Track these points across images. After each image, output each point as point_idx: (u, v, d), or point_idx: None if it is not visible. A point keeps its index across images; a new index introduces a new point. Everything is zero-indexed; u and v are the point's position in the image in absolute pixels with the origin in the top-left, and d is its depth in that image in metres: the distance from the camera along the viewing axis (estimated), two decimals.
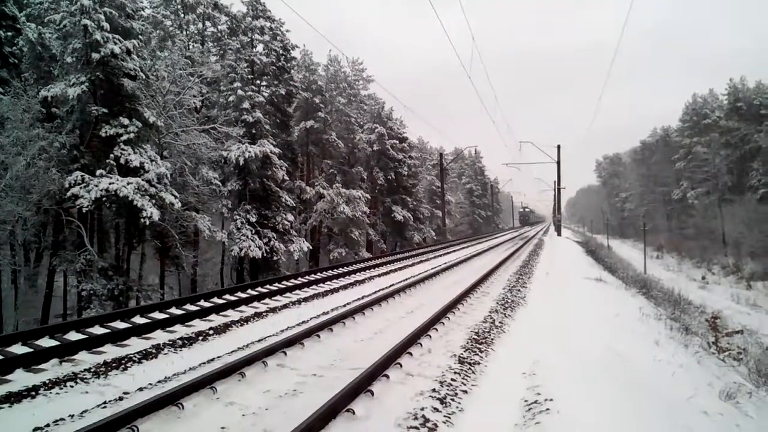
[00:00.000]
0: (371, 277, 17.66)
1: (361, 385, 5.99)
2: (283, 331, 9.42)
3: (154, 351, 8.17)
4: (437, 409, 5.73)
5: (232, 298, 12.61)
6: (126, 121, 19.17)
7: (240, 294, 13.42)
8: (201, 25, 31.58)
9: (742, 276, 50.91)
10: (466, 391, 6.47)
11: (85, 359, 7.69)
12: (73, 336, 8.85)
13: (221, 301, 12.22)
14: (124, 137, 18.92)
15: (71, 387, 6.55)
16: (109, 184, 17.66)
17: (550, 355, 7.81)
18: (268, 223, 26.24)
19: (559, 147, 48.04)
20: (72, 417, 5.53)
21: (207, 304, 11.86)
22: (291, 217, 27.97)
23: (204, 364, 7.43)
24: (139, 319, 10.25)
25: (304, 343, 8.27)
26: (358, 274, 18.66)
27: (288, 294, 13.82)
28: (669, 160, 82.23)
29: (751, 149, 67.66)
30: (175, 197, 19.91)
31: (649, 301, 18.48)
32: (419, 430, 5.19)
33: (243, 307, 11.83)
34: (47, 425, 5.32)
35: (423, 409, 5.65)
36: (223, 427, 5.22)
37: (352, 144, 42.98)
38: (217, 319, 10.54)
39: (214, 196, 25.36)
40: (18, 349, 8.01)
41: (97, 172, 18.04)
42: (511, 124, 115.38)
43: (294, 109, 35.67)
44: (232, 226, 25.08)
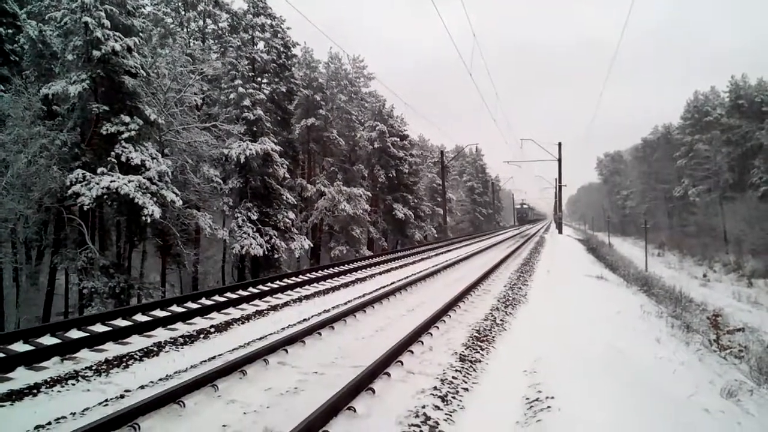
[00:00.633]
0: (372, 275, 17.66)
1: (363, 383, 5.99)
2: (284, 329, 9.42)
3: (156, 349, 8.18)
4: (438, 407, 5.73)
5: (234, 296, 12.61)
6: (127, 118, 19.16)
7: (241, 292, 13.42)
8: (202, 22, 31.53)
9: (744, 273, 50.91)
10: (467, 389, 6.47)
11: (87, 357, 7.69)
12: (75, 334, 8.85)
13: (222, 299, 12.22)
14: (125, 135, 18.91)
15: (73, 385, 6.56)
16: (110, 182, 17.65)
17: (551, 353, 7.81)
18: (270, 220, 26.24)
19: (560, 144, 48.02)
20: (74, 415, 5.53)
21: (208, 302, 11.87)
22: (292, 214, 27.97)
23: (205, 362, 7.43)
24: (140, 317, 10.25)
25: (306, 341, 8.27)
26: (359, 271, 18.66)
27: (289, 292, 13.82)
28: (670, 157, 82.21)
29: (752, 147, 67.61)
30: (177, 195, 19.91)
31: (651, 299, 18.48)
32: (420, 428, 5.19)
33: (244, 305, 11.83)
34: (49, 423, 5.32)
35: (424, 407, 5.65)
36: (224, 425, 5.22)
37: (353, 142, 42.95)
38: (218, 317, 10.54)
39: (215, 194, 25.35)
40: (19, 347, 8.02)
41: (98, 170, 18.03)
42: (511, 121, 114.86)
43: (295, 107, 35.66)
44: (233, 223, 25.08)
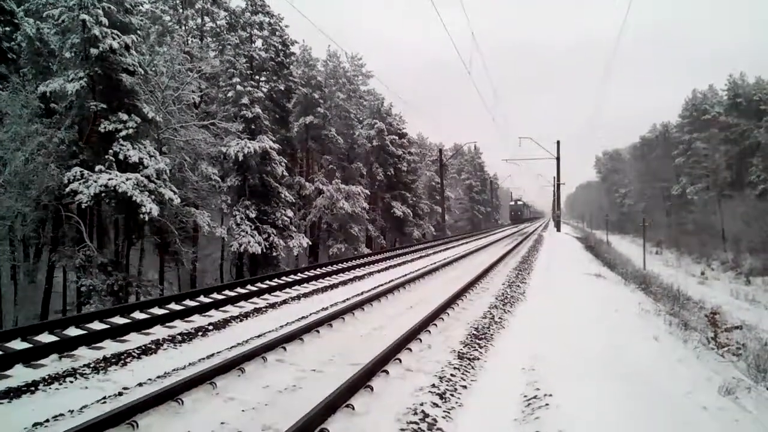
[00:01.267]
0: (371, 273, 17.66)
1: (361, 381, 5.99)
2: (282, 326, 9.42)
3: (154, 346, 8.17)
4: (437, 405, 5.73)
5: (232, 294, 12.60)
6: (125, 116, 19.14)
7: (239, 290, 13.42)
8: (200, 20, 31.46)
9: (741, 272, 51.02)
10: (465, 387, 6.48)
11: (85, 355, 7.68)
12: (73, 331, 8.84)
13: (220, 297, 12.20)
14: (123, 133, 18.90)
15: (71, 382, 6.55)
16: (108, 179, 17.64)
17: (549, 351, 7.82)
18: (268, 218, 26.24)
19: (558, 143, 48.02)
20: (71, 412, 5.53)
21: (206, 300, 11.86)
22: (290, 212, 27.97)
23: (203, 359, 7.43)
24: (138, 315, 10.24)
25: (304, 339, 8.26)
26: (357, 269, 18.66)
27: (287, 290, 13.82)
28: (668, 155, 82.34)
29: (750, 145, 67.71)
30: (175, 193, 19.90)
31: (649, 297, 18.49)
32: (419, 425, 5.19)
33: (242, 303, 11.82)
34: (47, 420, 5.32)
35: (422, 405, 5.65)
36: (222, 423, 5.22)
37: (351, 140, 42.92)
38: (216, 315, 10.53)
39: (214, 192, 25.34)
40: (17, 344, 8.00)
41: (96, 168, 18.01)
42: (510, 120, 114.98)
43: (293, 105, 35.65)
44: (232, 221, 25.08)
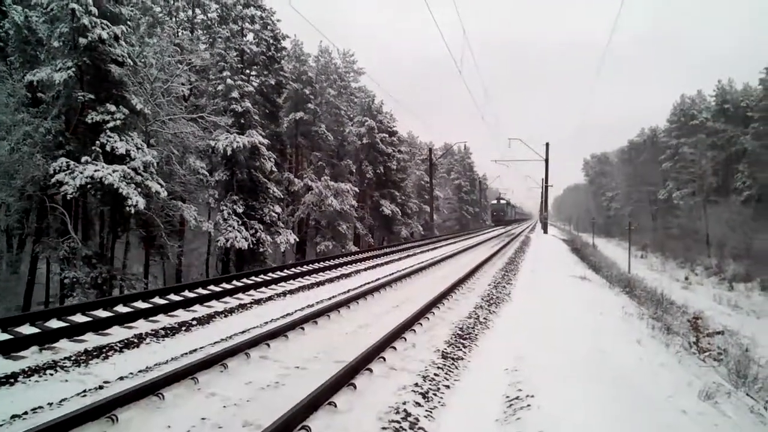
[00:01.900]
0: (358, 271, 17.64)
1: (344, 379, 5.99)
2: (267, 323, 9.38)
3: (136, 340, 8.10)
4: (419, 404, 5.74)
5: (217, 289, 12.53)
6: (113, 107, 18.98)
7: (225, 285, 13.34)
8: (191, 12, 31.24)
9: (725, 277, 51.57)
10: (448, 386, 6.49)
11: (66, 347, 7.60)
12: (55, 324, 8.74)
13: (206, 292, 12.14)
14: (111, 124, 18.74)
15: (51, 375, 6.48)
16: (95, 171, 17.48)
17: (532, 352, 7.85)
18: (255, 214, 26.15)
19: (547, 145, 48.19)
20: (51, 405, 5.47)
21: (191, 295, 11.78)
22: (278, 208, 27.89)
23: (186, 354, 7.38)
24: (121, 308, 10.15)
25: (288, 336, 8.24)
26: (344, 267, 18.63)
27: (273, 286, 13.76)
28: (656, 160, 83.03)
29: (737, 151, 68.46)
30: (162, 186, 19.77)
31: (633, 300, 18.64)
32: (401, 424, 5.19)
33: (227, 299, 11.76)
34: (25, 413, 5.26)
35: (405, 404, 5.65)
36: (203, 418, 5.19)
37: (341, 137, 42.88)
38: (201, 310, 10.47)
39: (201, 186, 25.22)
40: None
41: (83, 159, 17.85)
42: (500, 120, 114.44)
43: (284, 100, 35.55)
44: (219, 216, 24.97)
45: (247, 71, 30.24)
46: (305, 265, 18.41)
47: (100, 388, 6.02)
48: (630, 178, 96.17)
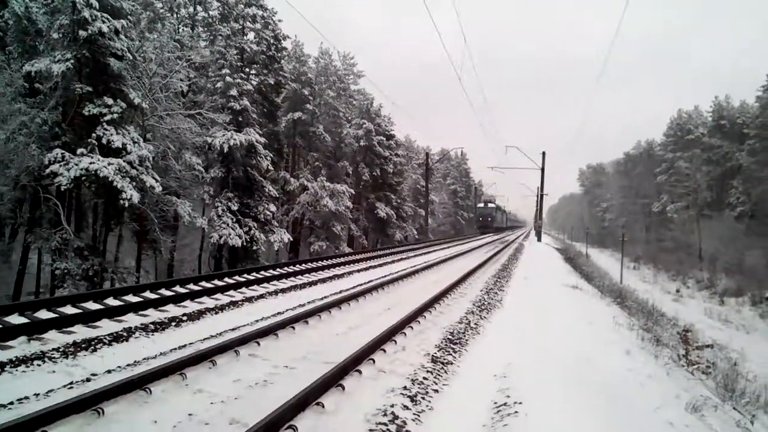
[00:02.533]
0: (351, 272, 17.64)
1: (333, 379, 5.98)
2: (257, 321, 9.37)
3: (126, 334, 8.08)
4: (407, 407, 5.73)
5: (209, 286, 12.51)
6: (110, 101, 18.92)
7: (217, 282, 13.32)
8: (192, 9, 31.22)
9: (716, 291, 51.70)
10: (437, 390, 6.48)
11: (55, 338, 7.57)
12: (44, 314, 8.72)
13: (197, 288, 12.12)
14: (108, 117, 18.68)
15: (38, 366, 6.45)
16: (90, 163, 17.42)
17: (522, 359, 7.86)
18: (250, 212, 26.09)
19: (544, 154, 48.30)
20: (37, 396, 5.45)
21: (182, 290, 11.76)
22: (273, 207, 27.84)
23: (175, 350, 7.36)
24: (112, 301, 10.13)
25: (279, 334, 8.23)
26: (337, 268, 18.63)
27: (265, 284, 13.74)
28: (651, 172, 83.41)
29: (731, 167, 68.83)
30: (157, 181, 19.71)
31: (623, 311, 18.67)
32: (388, 426, 5.19)
33: (219, 295, 11.74)
34: (11, 403, 5.23)
35: (393, 406, 5.65)
36: (190, 414, 5.17)
37: (339, 138, 42.86)
38: (191, 306, 10.45)
39: (196, 182, 25.16)
40: None
41: (78, 151, 17.78)
42: (497, 128, 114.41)
43: (282, 100, 35.53)
44: (213, 213, 24.89)
45: (247, 70, 30.21)
46: (298, 265, 18.39)
47: (88, 380, 6.00)
48: (625, 189, 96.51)
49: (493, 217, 73.54)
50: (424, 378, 6.76)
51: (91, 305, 9.66)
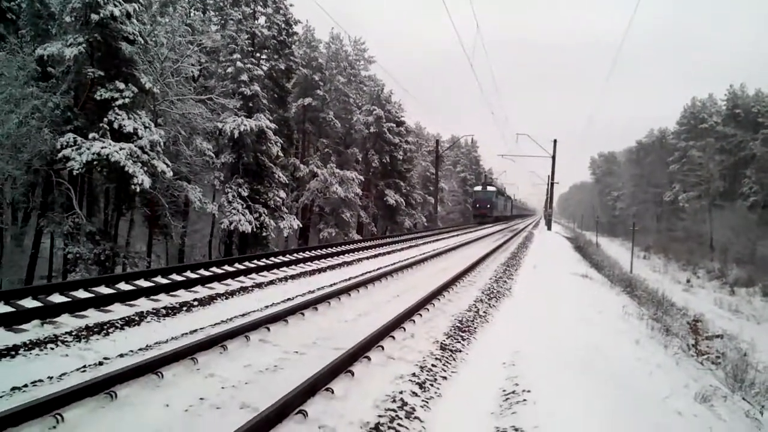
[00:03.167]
0: (360, 259, 17.67)
1: (342, 365, 6.01)
2: (267, 306, 9.42)
3: (137, 318, 8.15)
4: (416, 394, 5.76)
5: (219, 271, 12.58)
6: (122, 85, 18.96)
7: (227, 267, 13.39)
8: None
9: (727, 281, 51.42)
10: (445, 378, 6.50)
11: (68, 322, 7.66)
12: (57, 298, 8.81)
13: (208, 274, 12.19)
14: (119, 102, 18.74)
15: (51, 349, 6.53)
16: (101, 148, 17.51)
17: (531, 347, 7.86)
18: (260, 198, 26.16)
19: (555, 141, 47.98)
20: (51, 379, 5.52)
21: (193, 276, 11.83)
22: (283, 193, 27.91)
23: (186, 334, 7.43)
24: (123, 286, 10.21)
25: (288, 320, 8.27)
26: (346, 255, 18.66)
27: (275, 270, 13.80)
28: (663, 161, 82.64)
29: (745, 156, 68.09)
30: (168, 166, 19.80)
31: (633, 300, 18.62)
32: (396, 412, 5.21)
33: (229, 281, 11.80)
34: (25, 385, 5.30)
35: (402, 393, 5.68)
36: (201, 398, 5.22)
37: (349, 125, 42.78)
38: (202, 291, 10.51)
39: (207, 168, 25.23)
40: (0, 307, 7.96)
41: (90, 135, 17.87)
42: (508, 115, 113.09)
43: (293, 86, 35.44)
44: (223, 198, 24.99)
45: (258, 55, 30.14)
46: (308, 251, 18.45)
47: (100, 364, 6.06)
48: (636, 178, 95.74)
49: (494, 204, 60.23)
50: (433, 365, 6.78)
51: (103, 289, 9.75)
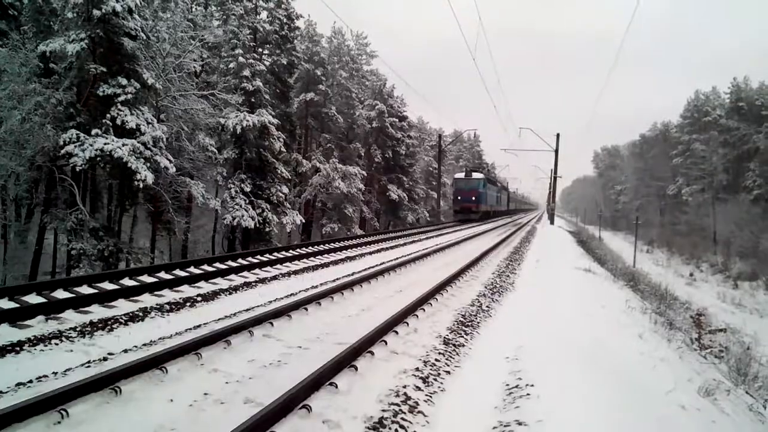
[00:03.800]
0: (362, 255, 17.68)
1: (346, 360, 6.03)
2: (271, 302, 9.44)
3: (141, 314, 8.18)
4: (419, 388, 5.78)
5: (222, 267, 12.61)
6: (124, 81, 18.95)
7: (230, 263, 13.43)
8: None
9: (730, 275, 51.41)
10: (449, 372, 6.52)
11: (72, 318, 7.69)
12: (61, 294, 8.84)
13: (211, 269, 12.22)
14: (122, 98, 18.72)
15: (56, 345, 6.56)
16: (104, 144, 17.51)
17: (534, 342, 7.87)
18: (263, 193, 26.17)
19: (558, 135, 47.76)
20: (55, 374, 5.55)
21: (197, 271, 11.87)
22: (286, 189, 27.91)
23: (190, 330, 7.45)
24: (127, 282, 10.25)
25: (292, 315, 8.29)
26: (349, 250, 18.68)
27: (278, 266, 13.83)
28: (667, 155, 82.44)
29: (749, 150, 67.86)
30: (170, 162, 19.80)
31: (636, 294, 18.61)
32: (400, 407, 5.23)
33: (232, 276, 11.83)
34: (30, 381, 5.33)
35: (405, 387, 5.69)
36: (205, 393, 5.24)
37: (351, 119, 42.74)
38: (205, 287, 10.54)
39: (210, 164, 25.22)
40: (4, 303, 8.00)
41: (93, 132, 17.88)
42: (511, 109, 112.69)
43: (295, 81, 35.39)
44: (226, 194, 25.00)
45: (260, 50, 30.11)
46: (311, 247, 18.47)
47: (105, 359, 6.09)
48: (640, 172, 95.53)
49: (481, 195, 45.40)
50: (436, 360, 6.80)
51: (107, 285, 9.78)
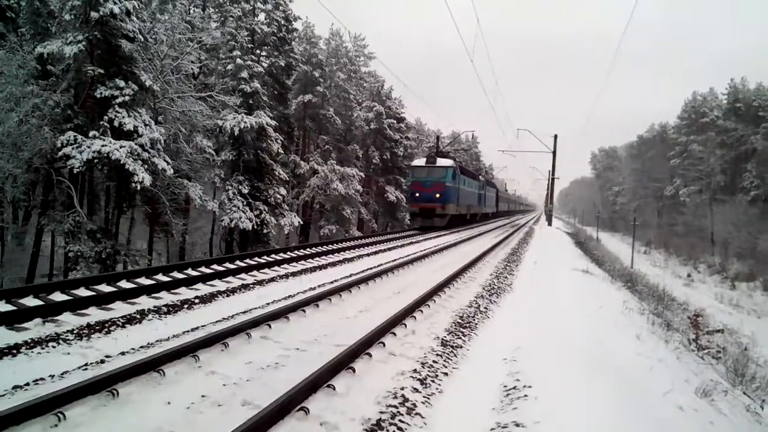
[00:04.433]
0: (360, 256, 17.66)
1: (343, 362, 6.02)
2: (268, 304, 9.41)
3: (139, 316, 8.16)
4: (417, 390, 5.77)
5: (220, 269, 12.59)
6: (122, 83, 18.96)
7: (228, 265, 13.40)
8: None
9: (727, 276, 51.50)
10: (446, 374, 6.52)
11: (69, 320, 7.67)
12: (58, 297, 8.82)
13: (209, 271, 12.20)
14: (119, 100, 18.73)
15: (53, 347, 6.54)
16: (102, 146, 17.51)
17: (531, 343, 7.87)
18: (260, 195, 26.17)
19: (555, 137, 47.81)
20: (52, 377, 5.53)
21: (194, 273, 11.85)
22: (283, 190, 27.92)
23: (188, 332, 7.43)
24: (125, 284, 10.22)
25: (289, 317, 8.28)
26: (347, 252, 18.66)
27: (276, 268, 13.81)
28: (664, 156, 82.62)
29: (746, 151, 68.05)
30: (168, 163, 19.81)
31: (634, 296, 18.64)
32: (398, 408, 5.23)
33: (230, 278, 11.81)
34: (27, 384, 5.31)
35: (403, 389, 5.69)
36: (203, 396, 5.23)
37: (349, 121, 42.77)
38: (203, 289, 10.52)
39: (207, 165, 25.24)
40: (1, 306, 7.97)
41: (90, 134, 17.88)
42: (509, 111, 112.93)
43: (293, 82, 35.45)
44: (224, 196, 25.00)
45: (258, 51, 30.13)
46: (308, 248, 18.45)
47: (102, 362, 6.07)
48: (637, 173, 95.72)
49: (449, 192, 31.28)
50: (434, 361, 6.79)
51: (105, 287, 9.76)
